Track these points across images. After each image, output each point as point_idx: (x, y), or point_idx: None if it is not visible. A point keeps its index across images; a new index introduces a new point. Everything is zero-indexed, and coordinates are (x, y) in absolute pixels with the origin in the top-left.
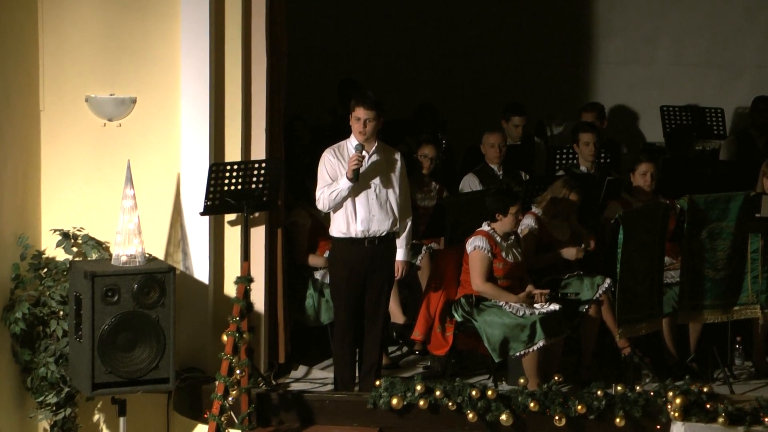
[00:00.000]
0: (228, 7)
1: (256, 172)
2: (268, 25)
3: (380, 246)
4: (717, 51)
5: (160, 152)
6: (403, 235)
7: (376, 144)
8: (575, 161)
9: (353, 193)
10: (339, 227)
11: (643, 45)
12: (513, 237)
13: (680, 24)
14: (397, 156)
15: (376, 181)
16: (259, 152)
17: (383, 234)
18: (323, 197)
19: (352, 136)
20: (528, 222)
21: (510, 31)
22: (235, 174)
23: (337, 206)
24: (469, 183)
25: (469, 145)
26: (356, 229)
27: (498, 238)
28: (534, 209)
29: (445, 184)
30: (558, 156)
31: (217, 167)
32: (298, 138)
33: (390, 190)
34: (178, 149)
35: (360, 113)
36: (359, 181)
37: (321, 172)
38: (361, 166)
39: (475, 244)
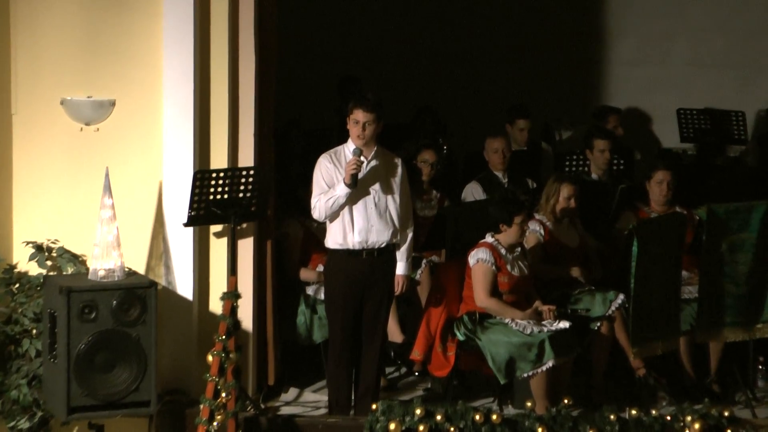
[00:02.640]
0: (214, 4)
1: (243, 180)
2: (257, 23)
3: (379, 258)
4: (736, 50)
5: (140, 158)
6: (404, 247)
7: (375, 149)
8: (586, 168)
9: (350, 201)
10: (335, 238)
11: (657, 44)
12: (519, 249)
13: (697, 22)
14: (398, 162)
15: (376, 188)
16: (247, 159)
17: (382, 245)
18: (319, 205)
19: (349, 140)
20: (533, 227)
21: (515, 29)
22: (221, 182)
23: (334, 215)
24: (472, 191)
25: (471, 151)
26: (354, 240)
27: (502, 251)
28: (537, 216)
29: (446, 192)
30: (567, 162)
31: (202, 175)
32: (290, 144)
33: (390, 199)
34: (160, 155)
35: (358, 116)
36: (357, 189)
37: (317, 179)
38: (360, 171)
39: (478, 257)
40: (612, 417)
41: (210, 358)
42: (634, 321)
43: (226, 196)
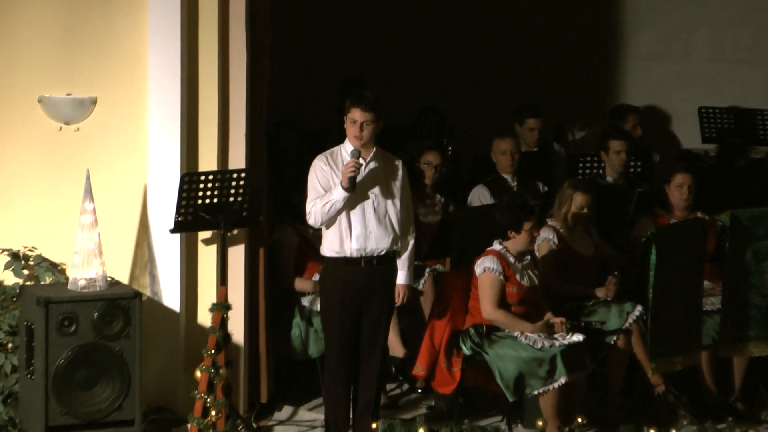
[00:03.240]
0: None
1: (234, 183)
2: (249, 17)
3: (379, 267)
4: (763, 44)
5: (124, 160)
6: (405, 255)
7: (374, 150)
8: (601, 171)
9: (348, 206)
10: (331, 245)
11: (678, 38)
12: (528, 257)
13: (720, 14)
14: (398, 164)
15: (374, 192)
16: (238, 160)
17: (382, 253)
18: (315, 210)
19: (346, 141)
20: (545, 235)
21: (525, 23)
22: (210, 185)
23: (331, 220)
24: (479, 195)
25: (477, 153)
26: (351, 248)
27: (511, 259)
28: (550, 222)
29: (450, 196)
30: (581, 164)
31: (190, 177)
32: (284, 145)
33: (390, 203)
34: (145, 157)
35: (356, 115)
36: (355, 193)
37: (312, 182)
38: (358, 174)
39: (485, 266)
40: None
41: (198, 373)
42: (653, 334)
43: (215, 200)
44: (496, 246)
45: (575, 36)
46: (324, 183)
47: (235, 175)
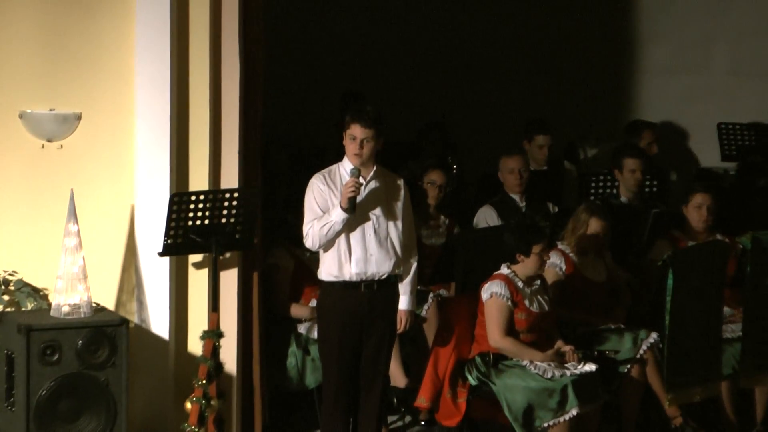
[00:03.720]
0: (193, 7)
1: (227, 204)
2: (242, 30)
3: (380, 292)
4: None
5: (110, 179)
6: (408, 279)
7: (375, 168)
8: (615, 190)
9: (347, 228)
10: (330, 269)
11: (695, 50)
12: (538, 282)
13: (740, 25)
14: (400, 183)
15: (375, 213)
16: (230, 180)
17: (383, 277)
18: (312, 232)
19: (345, 159)
20: (553, 260)
21: (533, 34)
22: (201, 206)
23: (329, 243)
24: (486, 217)
25: (484, 171)
26: (351, 272)
27: (520, 284)
28: (560, 245)
29: (455, 217)
30: (593, 184)
31: (180, 198)
32: (279, 164)
33: (391, 224)
34: (132, 176)
35: (356, 131)
36: (355, 214)
37: (309, 203)
38: (358, 193)
39: (492, 291)
40: None
41: (188, 405)
42: (670, 363)
43: (206, 221)
44: (504, 270)
45: (587, 48)
46: (322, 203)
47: (227, 195)
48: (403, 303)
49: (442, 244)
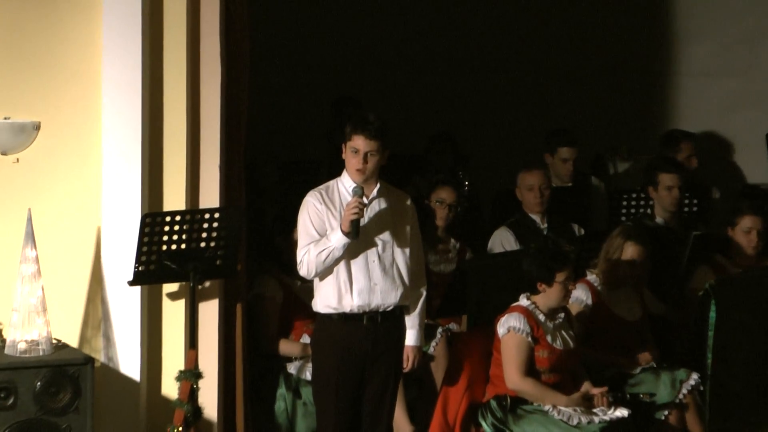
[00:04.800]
0: (168, 4)
1: (206, 226)
2: (224, 28)
3: (384, 326)
4: None
5: (73, 198)
6: (416, 312)
7: (378, 185)
8: (649, 210)
9: (348, 253)
10: (327, 300)
11: (739, 51)
12: (562, 315)
13: None
14: (408, 202)
15: (380, 236)
16: (210, 198)
17: (388, 309)
18: (308, 259)
19: (344, 174)
20: (578, 294)
21: (556, 33)
22: (177, 228)
23: (327, 271)
24: (502, 240)
25: (500, 188)
26: (352, 303)
27: (541, 317)
28: (589, 276)
29: (467, 241)
30: (625, 203)
31: (153, 219)
32: (265, 180)
33: (398, 250)
34: (99, 194)
35: (359, 143)
36: (357, 238)
37: (304, 224)
38: (362, 215)
39: (509, 325)
40: None
41: None
42: (713, 408)
43: (183, 246)
44: (523, 301)
45: (617, 49)
46: (318, 225)
47: (207, 216)
48: (411, 338)
49: (452, 271)
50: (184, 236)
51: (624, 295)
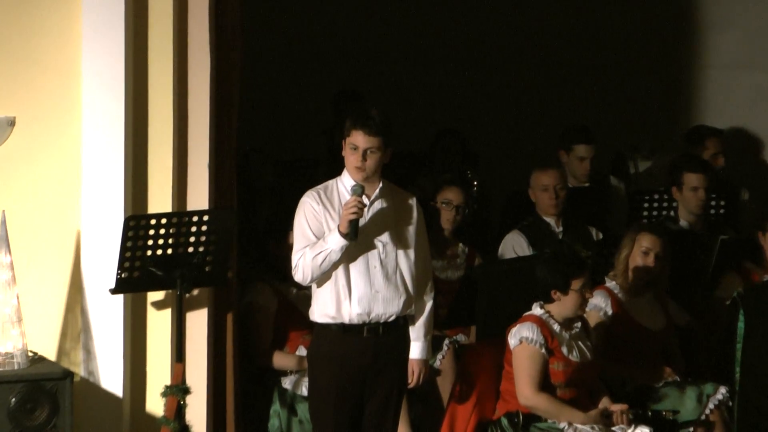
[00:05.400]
0: None
1: (195, 229)
2: (214, 15)
3: (386, 337)
4: None
5: (51, 199)
6: (421, 321)
7: (381, 185)
8: (673, 213)
9: (347, 257)
10: (325, 309)
11: None
12: (578, 325)
13: None
14: (412, 202)
15: (382, 239)
16: (199, 200)
17: (391, 319)
18: (304, 263)
19: (344, 173)
20: (596, 302)
21: (571, 21)
22: (163, 231)
23: (325, 277)
24: (513, 245)
25: (511, 189)
26: (351, 312)
27: (556, 327)
28: (608, 282)
29: (476, 245)
30: (646, 204)
31: (137, 222)
32: (258, 180)
33: (402, 254)
34: (78, 195)
35: (358, 140)
36: (357, 241)
37: (300, 226)
38: (362, 215)
39: (521, 336)
40: None
41: None
42: (741, 425)
43: (169, 251)
44: (537, 310)
45: (638, 39)
46: (315, 227)
47: (195, 219)
48: (416, 351)
49: (460, 278)
50: (170, 240)
51: (646, 303)
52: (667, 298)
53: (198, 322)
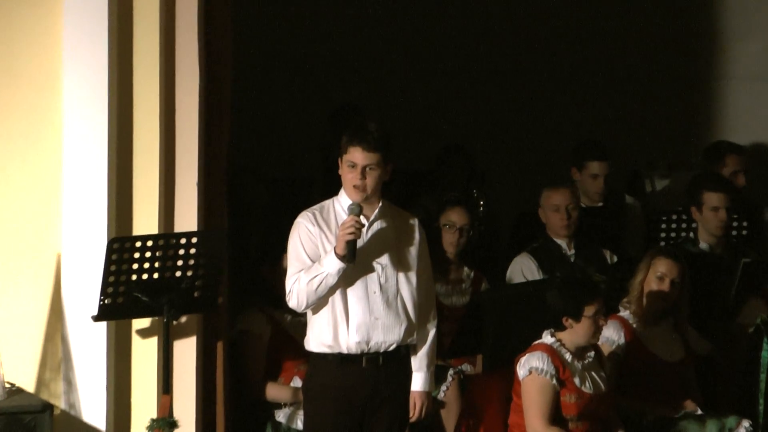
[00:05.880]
0: None
1: (183, 252)
2: (203, 24)
3: (386, 368)
4: None
5: (29, 220)
6: (423, 351)
7: (381, 205)
8: (692, 234)
9: (345, 281)
10: (321, 337)
11: None
12: (592, 354)
13: None
14: (414, 223)
15: (381, 262)
16: (187, 221)
17: (391, 348)
18: (299, 288)
19: (341, 193)
20: (609, 335)
21: (583, 32)
22: (149, 255)
23: (321, 302)
24: (522, 268)
25: (520, 209)
26: (349, 341)
27: (568, 356)
28: (622, 312)
29: (483, 270)
30: (664, 225)
31: (121, 244)
32: (250, 200)
33: (403, 278)
34: (59, 215)
35: (356, 156)
36: (355, 264)
37: (295, 249)
38: (359, 236)
39: (531, 366)
40: None
41: None
42: None
43: (155, 275)
44: (547, 339)
45: (655, 49)
46: (311, 250)
47: (183, 241)
48: (418, 382)
49: (466, 304)
50: (156, 264)
51: (663, 332)
52: (688, 327)
53: (186, 351)
